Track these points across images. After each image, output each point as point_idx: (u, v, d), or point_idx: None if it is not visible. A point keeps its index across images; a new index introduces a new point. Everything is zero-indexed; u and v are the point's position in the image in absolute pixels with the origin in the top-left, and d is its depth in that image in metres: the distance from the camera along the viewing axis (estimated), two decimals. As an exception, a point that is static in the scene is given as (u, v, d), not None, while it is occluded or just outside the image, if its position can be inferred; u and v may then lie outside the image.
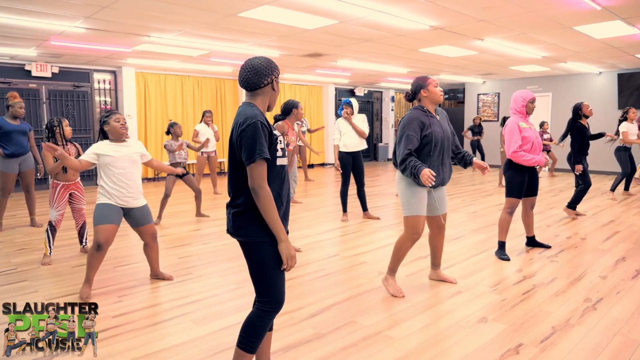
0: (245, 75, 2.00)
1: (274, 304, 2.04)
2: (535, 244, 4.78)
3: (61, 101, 9.34)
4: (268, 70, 2.00)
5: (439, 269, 3.80)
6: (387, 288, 3.54)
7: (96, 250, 3.38)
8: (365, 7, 5.09)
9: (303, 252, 4.69)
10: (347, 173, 6.00)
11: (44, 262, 4.27)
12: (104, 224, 3.37)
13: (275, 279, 2.02)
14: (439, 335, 2.83)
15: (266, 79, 1.99)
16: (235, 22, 5.73)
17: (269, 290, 2.02)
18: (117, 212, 3.46)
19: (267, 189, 1.90)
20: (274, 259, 1.99)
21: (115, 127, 3.46)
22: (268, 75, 2.00)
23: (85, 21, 5.59)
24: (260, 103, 2.03)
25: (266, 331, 2.09)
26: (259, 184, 1.89)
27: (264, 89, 2.02)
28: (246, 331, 2.05)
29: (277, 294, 2.03)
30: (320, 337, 2.80)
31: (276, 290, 2.03)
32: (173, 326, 2.96)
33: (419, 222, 3.33)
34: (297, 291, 3.59)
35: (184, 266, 4.23)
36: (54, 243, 4.34)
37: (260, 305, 2.04)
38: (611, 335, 2.79)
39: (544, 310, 3.17)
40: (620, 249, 4.69)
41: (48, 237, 4.28)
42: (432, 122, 3.33)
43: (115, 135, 3.48)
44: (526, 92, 4.38)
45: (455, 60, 9.16)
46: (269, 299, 2.03)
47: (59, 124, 4.26)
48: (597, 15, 5.55)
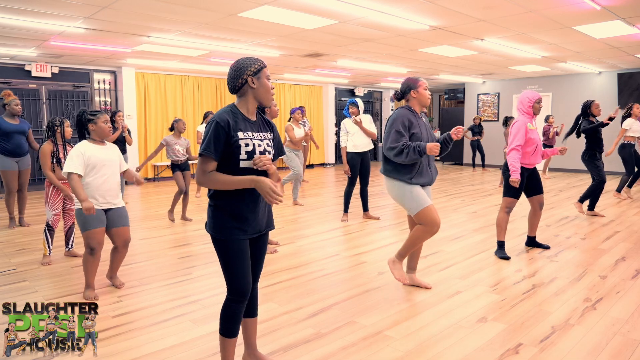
0: (227, 80, 2.15)
1: (234, 293, 2.17)
2: (535, 244, 4.77)
3: (61, 101, 9.34)
4: (239, 71, 2.08)
5: (414, 274, 3.67)
6: (392, 271, 3.53)
7: (90, 254, 3.37)
8: (365, 7, 5.09)
9: (303, 252, 4.70)
10: (355, 173, 5.99)
11: (44, 263, 4.27)
12: (93, 229, 3.34)
13: (234, 270, 2.14)
14: (439, 335, 2.83)
15: (239, 80, 2.09)
16: (235, 22, 5.74)
17: (230, 281, 2.16)
18: (102, 214, 3.41)
19: (208, 177, 2.03)
20: (231, 253, 2.11)
21: (104, 128, 3.41)
22: (239, 76, 2.08)
23: (85, 21, 5.59)
24: (242, 103, 2.13)
25: (238, 317, 2.21)
26: (198, 179, 2.07)
27: (242, 90, 2.11)
28: (220, 317, 2.24)
29: (236, 284, 2.15)
30: (320, 337, 2.80)
31: (236, 281, 2.15)
32: (173, 326, 2.96)
33: (432, 212, 3.29)
34: (297, 291, 3.59)
35: (184, 266, 4.23)
36: (52, 243, 4.33)
37: (227, 293, 2.20)
38: (611, 335, 2.79)
39: (544, 310, 3.17)
40: (620, 249, 4.69)
41: (46, 238, 4.27)
42: (419, 122, 3.36)
43: (101, 136, 3.43)
44: (532, 92, 4.38)
45: (455, 60, 9.16)
46: (231, 288, 2.17)
47: (61, 124, 4.25)
48: (597, 15, 5.55)
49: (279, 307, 3.27)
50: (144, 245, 4.97)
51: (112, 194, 3.44)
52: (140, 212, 7.07)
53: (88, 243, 3.34)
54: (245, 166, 2.08)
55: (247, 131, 2.09)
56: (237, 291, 2.16)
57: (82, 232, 3.35)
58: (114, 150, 3.55)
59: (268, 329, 2.91)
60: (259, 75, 2.10)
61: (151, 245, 4.96)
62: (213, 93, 11.48)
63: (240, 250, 2.11)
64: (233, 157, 2.05)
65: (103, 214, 3.41)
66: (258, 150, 2.10)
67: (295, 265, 4.27)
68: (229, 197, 2.08)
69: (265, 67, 2.13)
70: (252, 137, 2.09)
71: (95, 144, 3.41)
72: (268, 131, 2.22)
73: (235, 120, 2.07)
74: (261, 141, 2.13)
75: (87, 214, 3.17)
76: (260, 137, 2.14)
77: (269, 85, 2.13)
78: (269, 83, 2.14)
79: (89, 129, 3.41)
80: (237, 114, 2.10)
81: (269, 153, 2.16)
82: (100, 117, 3.41)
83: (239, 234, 2.10)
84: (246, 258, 2.15)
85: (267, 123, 2.26)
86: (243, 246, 2.13)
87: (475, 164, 13.25)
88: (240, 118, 2.10)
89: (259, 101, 2.14)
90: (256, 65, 2.09)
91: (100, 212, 3.39)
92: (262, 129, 2.19)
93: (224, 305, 2.21)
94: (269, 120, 2.29)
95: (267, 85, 2.12)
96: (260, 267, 2.33)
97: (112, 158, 3.46)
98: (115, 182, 3.48)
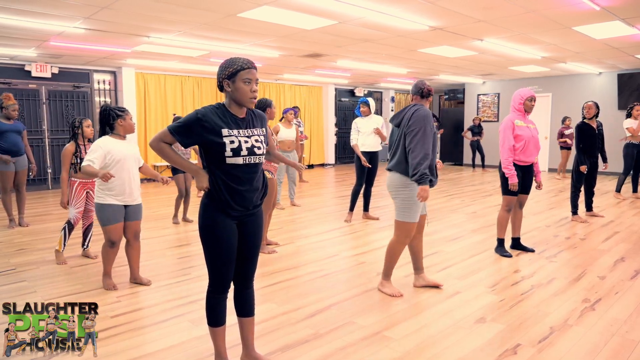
0: None
1: (211, 285, 2.25)
2: (520, 247, 4.66)
3: (61, 102, 9.34)
4: (219, 73, 2.16)
5: (423, 273, 3.67)
6: (384, 292, 3.52)
7: (110, 247, 3.56)
8: (364, 8, 5.09)
9: (302, 252, 4.70)
10: (363, 172, 5.99)
11: (59, 262, 4.29)
12: (114, 224, 3.49)
13: (211, 264, 2.21)
14: (437, 335, 2.83)
15: (219, 82, 2.17)
16: (234, 23, 5.74)
17: (209, 273, 2.24)
18: (122, 210, 3.54)
19: (160, 145, 2.16)
20: (208, 245, 2.19)
21: (132, 125, 3.54)
22: (219, 79, 2.16)
23: (84, 22, 5.59)
24: (227, 102, 2.18)
25: (220, 309, 2.27)
26: (151, 142, 2.18)
27: (223, 90, 2.17)
28: (205, 308, 2.30)
29: (213, 277, 2.23)
30: (318, 337, 2.80)
31: (212, 274, 2.23)
32: (171, 326, 2.96)
33: (414, 228, 3.40)
34: (296, 291, 3.59)
35: (183, 266, 4.24)
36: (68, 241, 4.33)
37: (208, 284, 2.27)
38: (609, 336, 2.79)
39: (542, 311, 3.17)
40: (620, 250, 4.69)
41: (64, 235, 4.27)
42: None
43: (129, 131, 3.54)
44: (525, 90, 4.38)
45: (455, 61, 9.16)
46: (209, 280, 2.25)
47: (80, 125, 4.27)
48: (596, 16, 5.55)
49: (278, 307, 3.27)
50: (144, 246, 4.94)
51: (132, 189, 3.54)
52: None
53: (109, 237, 3.51)
54: (232, 162, 2.11)
55: (233, 129, 2.12)
56: (214, 284, 2.24)
57: (103, 226, 3.49)
58: (134, 145, 3.68)
59: (266, 329, 2.91)
60: (235, 79, 2.10)
61: (150, 246, 4.96)
62: (213, 93, 11.47)
63: (222, 238, 2.16)
64: (219, 154, 2.10)
65: (123, 209, 3.53)
66: (245, 147, 2.12)
67: (294, 265, 4.27)
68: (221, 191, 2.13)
69: (245, 69, 2.09)
70: (237, 135, 2.12)
71: (117, 138, 3.50)
72: (258, 127, 2.24)
73: (220, 118, 2.11)
74: (248, 138, 2.15)
75: (106, 180, 3.24)
76: (247, 134, 2.16)
77: (246, 89, 2.10)
78: (249, 86, 2.11)
79: (117, 124, 3.48)
80: (223, 111, 2.15)
81: (258, 149, 2.18)
82: (129, 113, 3.55)
83: (223, 217, 2.16)
84: (228, 248, 2.18)
85: (258, 119, 2.28)
86: (226, 234, 2.16)
87: (475, 165, 13.24)
88: (227, 115, 2.14)
89: (238, 103, 2.16)
90: (232, 68, 2.11)
91: (121, 207, 3.51)
92: (250, 126, 2.20)
93: (206, 297, 2.28)
94: (260, 114, 2.31)
95: (242, 89, 2.10)
96: (251, 263, 2.33)
97: (133, 152, 3.59)
98: (137, 177, 3.60)
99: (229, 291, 2.30)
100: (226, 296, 2.29)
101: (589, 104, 5.99)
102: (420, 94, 3.45)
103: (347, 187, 9.41)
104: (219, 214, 2.16)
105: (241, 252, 2.27)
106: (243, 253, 2.28)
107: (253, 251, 2.31)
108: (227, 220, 2.17)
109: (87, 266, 4.23)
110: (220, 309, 2.28)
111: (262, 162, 2.24)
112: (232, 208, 2.15)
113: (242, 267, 2.30)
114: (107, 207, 3.45)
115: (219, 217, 2.16)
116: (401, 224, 3.37)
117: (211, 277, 2.25)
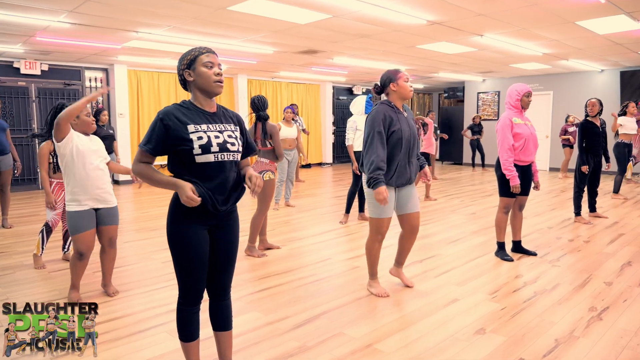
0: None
1: (181, 296, 2.05)
2: (521, 250, 4.46)
3: (51, 99, 9.12)
4: (177, 68, 2.00)
5: (401, 268, 3.66)
6: (371, 292, 3.46)
7: (78, 259, 3.25)
8: (359, 0, 4.88)
9: (295, 255, 4.49)
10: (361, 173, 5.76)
11: (37, 266, 4.10)
12: (82, 232, 3.18)
13: (180, 273, 2.01)
14: (433, 348, 2.62)
15: (180, 78, 2.01)
16: (225, 17, 5.53)
17: (178, 283, 2.04)
18: (92, 216, 3.24)
19: (140, 167, 1.94)
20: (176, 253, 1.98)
21: (88, 121, 3.26)
22: (179, 73, 2.00)
23: (68, 15, 5.38)
24: (193, 97, 2.00)
25: (191, 323, 2.07)
26: (132, 166, 1.97)
27: (187, 85, 2.01)
28: (176, 322, 2.11)
29: (183, 288, 2.04)
30: (305, 350, 2.59)
31: (182, 285, 2.03)
32: (148, 337, 2.75)
33: (383, 224, 3.29)
34: (284, 298, 3.38)
35: (167, 271, 4.02)
36: (46, 244, 4.15)
37: (178, 296, 2.08)
38: (619, 349, 2.58)
39: (546, 320, 2.97)
40: (626, 253, 4.48)
41: (42, 238, 4.09)
42: (400, 118, 3.19)
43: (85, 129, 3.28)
44: (521, 85, 4.15)
45: (454, 58, 8.95)
46: (179, 292, 2.06)
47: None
48: (601, 9, 5.34)
49: (263, 316, 3.06)
50: (130, 249, 4.77)
51: (103, 188, 3.26)
52: (131, 212, 6.86)
53: (77, 247, 3.21)
54: (202, 161, 1.90)
55: (201, 124, 1.92)
56: (182, 295, 2.04)
57: (72, 235, 3.21)
58: (99, 143, 3.37)
59: (249, 341, 2.71)
60: (194, 65, 1.95)
61: (137, 249, 4.75)
62: (208, 91, 11.27)
63: (191, 245, 1.94)
64: (186, 152, 1.88)
65: (93, 214, 3.25)
66: (215, 142, 1.91)
67: (285, 270, 4.06)
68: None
69: (203, 53, 1.95)
70: (207, 130, 1.91)
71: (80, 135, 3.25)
72: (231, 123, 2.04)
73: (184, 114, 1.92)
74: (220, 133, 1.95)
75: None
76: (219, 129, 1.96)
77: (209, 72, 1.94)
78: (212, 69, 1.95)
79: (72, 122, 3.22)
80: (188, 107, 1.96)
81: (232, 145, 1.97)
82: (86, 109, 3.26)
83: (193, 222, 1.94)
84: (198, 256, 1.96)
85: (231, 116, 2.08)
86: (196, 241, 1.95)
87: (475, 164, 13.04)
88: (193, 111, 1.94)
89: (204, 91, 1.96)
90: (190, 55, 1.96)
91: (89, 212, 3.22)
92: (223, 121, 2.00)
93: (177, 309, 2.08)
94: (234, 113, 2.12)
95: (204, 73, 1.94)
96: (226, 274, 2.12)
97: (96, 149, 3.28)
98: (105, 177, 3.30)
99: (204, 302, 2.10)
100: (199, 308, 2.08)
101: (592, 101, 5.79)
102: (376, 92, 3.31)
103: (344, 187, 9.21)
104: (189, 219, 1.94)
105: (215, 262, 2.06)
106: (217, 263, 2.06)
107: (228, 261, 2.10)
108: (198, 226, 1.96)
109: (67, 271, 3.99)
110: (192, 322, 2.07)
111: (237, 160, 2.02)
112: (203, 212, 1.93)
113: (216, 278, 2.09)
114: (72, 215, 3.17)
115: (189, 223, 1.94)
116: (370, 219, 3.34)
117: (181, 288, 2.04)
